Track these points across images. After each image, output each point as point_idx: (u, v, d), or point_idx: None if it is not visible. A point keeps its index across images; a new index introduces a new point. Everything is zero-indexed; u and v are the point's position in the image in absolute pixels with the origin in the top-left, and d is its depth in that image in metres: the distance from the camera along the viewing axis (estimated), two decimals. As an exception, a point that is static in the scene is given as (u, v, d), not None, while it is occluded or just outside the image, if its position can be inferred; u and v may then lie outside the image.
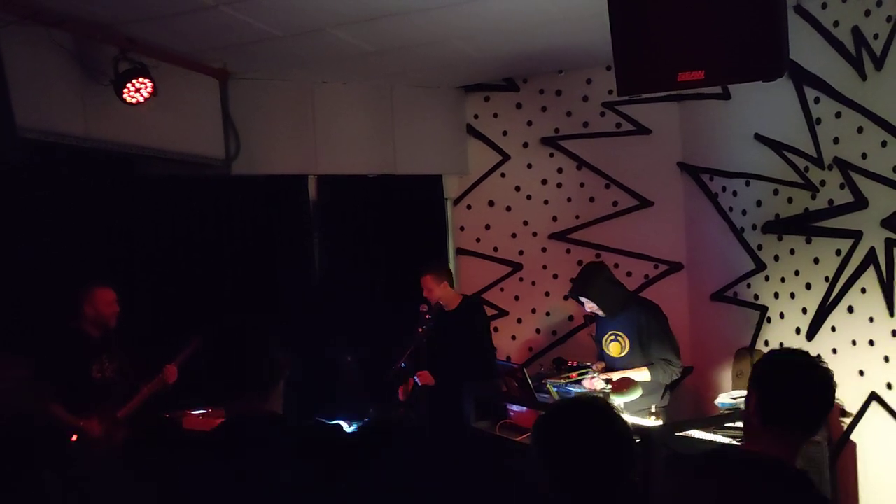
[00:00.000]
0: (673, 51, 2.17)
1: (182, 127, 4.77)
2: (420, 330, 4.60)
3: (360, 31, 4.41)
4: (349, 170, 5.61)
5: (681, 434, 3.77)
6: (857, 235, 4.37)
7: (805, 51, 4.38)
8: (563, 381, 4.31)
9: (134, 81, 4.13)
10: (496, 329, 5.89)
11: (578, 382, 4.36)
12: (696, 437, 3.91)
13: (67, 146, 4.18)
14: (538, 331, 5.90)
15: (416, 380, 4.62)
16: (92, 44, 4.15)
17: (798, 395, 1.97)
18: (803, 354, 2.11)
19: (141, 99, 4.17)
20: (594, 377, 4.26)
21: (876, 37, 4.16)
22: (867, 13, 4.19)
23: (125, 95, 4.10)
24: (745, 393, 4.39)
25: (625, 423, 1.69)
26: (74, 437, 3.96)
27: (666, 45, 2.18)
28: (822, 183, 4.53)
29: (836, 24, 4.35)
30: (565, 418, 1.71)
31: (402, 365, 4.51)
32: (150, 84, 4.17)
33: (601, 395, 4.10)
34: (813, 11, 4.41)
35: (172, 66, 4.63)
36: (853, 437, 4.42)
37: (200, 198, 5.18)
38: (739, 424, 4.10)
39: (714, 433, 4.01)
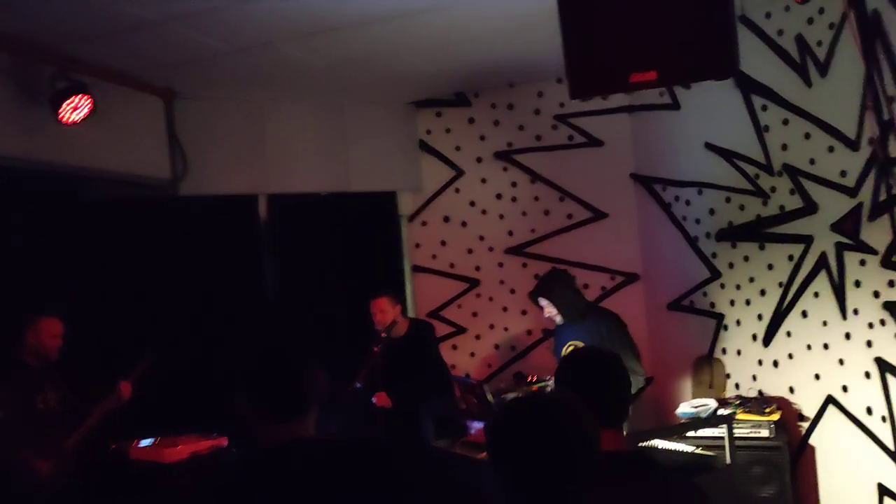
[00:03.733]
0: (624, 52, 2.15)
1: (125, 147, 4.63)
2: (375, 349, 4.51)
3: (308, 46, 4.33)
4: (301, 188, 5.51)
5: (643, 444, 3.74)
6: (808, 240, 4.43)
7: (751, 59, 4.43)
8: (522, 395, 4.24)
9: (72, 99, 3.98)
10: (454, 347, 5.82)
11: (539, 396, 4.30)
12: (659, 446, 3.88)
13: (5, 169, 4.01)
14: (497, 346, 5.84)
15: (373, 401, 4.51)
16: (30, 63, 4.00)
17: (607, 395, 2.04)
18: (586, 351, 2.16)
19: (79, 118, 4.02)
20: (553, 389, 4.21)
21: (819, 44, 4.25)
22: (810, 21, 4.28)
23: (62, 114, 3.95)
24: (706, 401, 4.40)
25: (579, 420, 1.63)
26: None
27: (617, 46, 2.16)
28: (773, 189, 4.59)
29: (780, 32, 4.43)
30: (517, 416, 1.65)
31: (358, 385, 4.40)
32: (89, 102, 4.02)
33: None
34: (757, 21, 4.49)
35: (115, 86, 4.49)
36: (812, 440, 4.45)
37: (146, 220, 5.01)
38: (702, 433, 4.09)
39: (676, 442, 3.99)
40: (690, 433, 4.07)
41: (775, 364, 4.63)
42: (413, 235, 5.97)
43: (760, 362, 4.71)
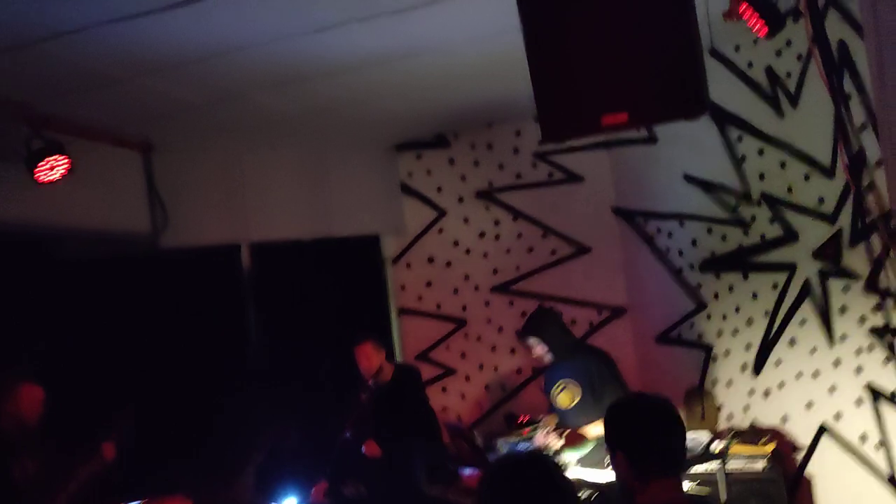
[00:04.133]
0: (595, 95, 2.16)
1: (103, 204, 4.59)
2: (363, 397, 4.44)
3: (282, 95, 4.34)
4: (283, 235, 5.48)
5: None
6: (791, 268, 4.44)
7: (724, 92, 4.50)
8: (514, 438, 4.19)
9: (48, 160, 3.95)
10: (444, 388, 5.76)
11: (530, 439, 4.24)
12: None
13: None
14: (487, 387, 5.78)
15: (363, 450, 4.43)
16: (4, 122, 3.97)
17: (662, 440, 2.01)
18: (643, 396, 2.15)
19: (57, 177, 3.98)
20: (547, 432, 4.15)
21: (789, 75, 4.31)
22: (778, 53, 4.34)
23: (39, 175, 3.92)
24: (696, 434, 4.35)
25: (567, 479, 1.61)
26: None
27: (588, 89, 2.17)
28: (753, 219, 4.61)
29: (750, 64, 4.49)
30: (508, 476, 1.63)
31: (347, 435, 4.33)
32: (66, 161, 3.99)
33: (552, 450, 3.99)
34: (728, 54, 4.55)
35: (91, 142, 4.46)
36: (807, 471, 4.40)
37: (126, 276, 4.95)
38: (695, 469, 4.04)
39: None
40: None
41: (766, 393, 4.60)
42: (398, 278, 5.94)
43: (752, 392, 4.68)
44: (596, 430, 4.10)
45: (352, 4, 3.28)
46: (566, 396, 4.30)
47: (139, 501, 4.04)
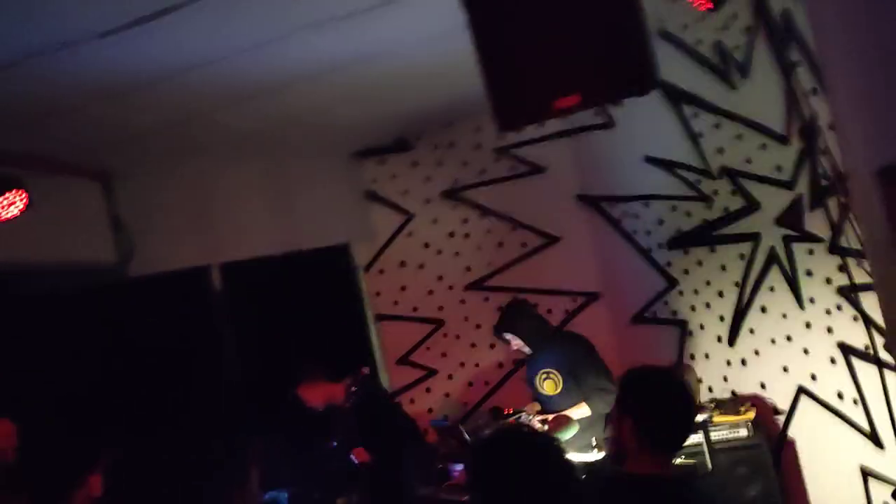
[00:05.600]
0: (546, 80, 2.18)
1: (65, 236, 4.52)
2: (346, 405, 4.43)
3: (240, 111, 4.32)
4: (253, 252, 5.44)
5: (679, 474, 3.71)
6: (756, 238, 4.52)
7: (676, 71, 4.57)
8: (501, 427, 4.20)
9: (6, 195, 3.89)
10: (428, 389, 5.76)
11: (517, 428, 4.27)
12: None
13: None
14: (471, 384, 5.80)
15: (353, 458, 4.42)
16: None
17: (675, 423, 2.07)
18: (667, 374, 2.20)
19: (16, 213, 3.93)
20: (531, 419, 4.19)
21: (737, 48, 4.39)
22: (725, 27, 4.42)
23: (-2, 211, 3.86)
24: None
25: (559, 452, 1.63)
26: None
27: (538, 75, 2.19)
28: (715, 193, 4.69)
29: (699, 41, 4.57)
30: (497, 447, 1.65)
31: (334, 444, 4.31)
32: (23, 196, 3.94)
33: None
34: (676, 33, 4.62)
35: (48, 175, 4.40)
36: (790, 433, 4.48)
37: (93, 308, 4.87)
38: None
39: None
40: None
41: (743, 362, 4.68)
42: (372, 284, 5.94)
43: (729, 363, 4.75)
44: (579, 412, 4.14)
45: (301, 13, 3.28)
46: (550, 385, 4.34)
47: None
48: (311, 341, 5.47)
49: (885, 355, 3.90)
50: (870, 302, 3.91)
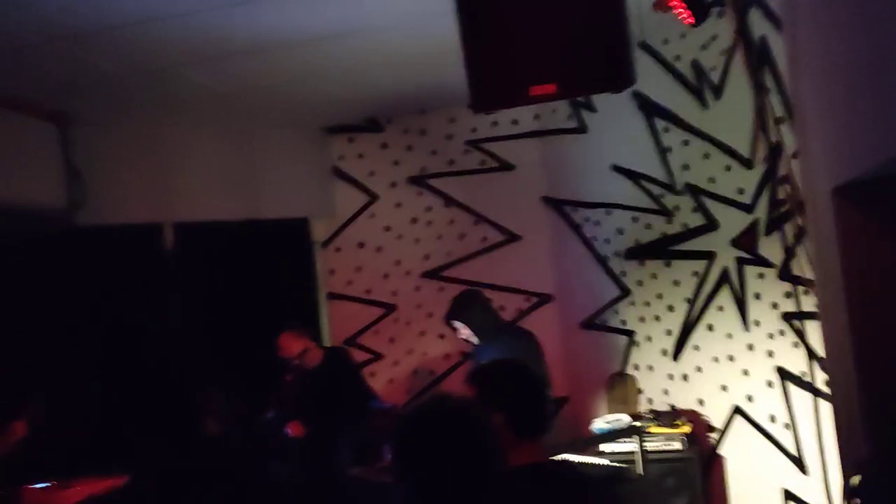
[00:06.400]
0: (524, 65, 2.19)
1: (14, 177, 4.37)
2: (288, 378, 4.39)
3: (213, 71, 4.24)
4: (209, 215, 5.35)
5: (556, 458, 3.75)
6: (710, 256, 4.60)
7: (652, 84, 4.62)
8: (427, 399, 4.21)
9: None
10: (372, 374, 5.73)
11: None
12: (574, 460, 3.90)
13: None
14: (415, 372, 5.78)
15: (287, 431, 4.38)
16: None
17: (539, 410, 2.11)
18: (513, 364, 2.26)
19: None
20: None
21: (714, 68, 4.45)
22: (704, 47, 4.48)
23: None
24: (619, 416, 4.46)
25: (486, 425, 1.62)
26: None
27: (517, 60, 2.20)
28: (677, 208, 4.75)
29: (677, 58, 4.63)
30: (422, 420, 1.63)
31: (270, 415, 4.27)
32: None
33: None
34: (656, 47, 4.67)
35: (1, 111, 4.26)
36: (721, 450, 4.57)
37: (39, 253, 4.74)
38: (615, 447, 4.15)
39: (590, 456, 4.02)
40: (604, 447, 4.11)
41: (685, 377, 4.75)
42: (327, 262, 5.88)
43: (671, 376, 4.82)
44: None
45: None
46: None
47: (46, 483, 3.91)
48: (260, 311, 5.40)
49: (820, 384, 4.00)
50: (811, 330, 4.00)
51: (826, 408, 4.05)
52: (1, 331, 4.51)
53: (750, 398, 4.43)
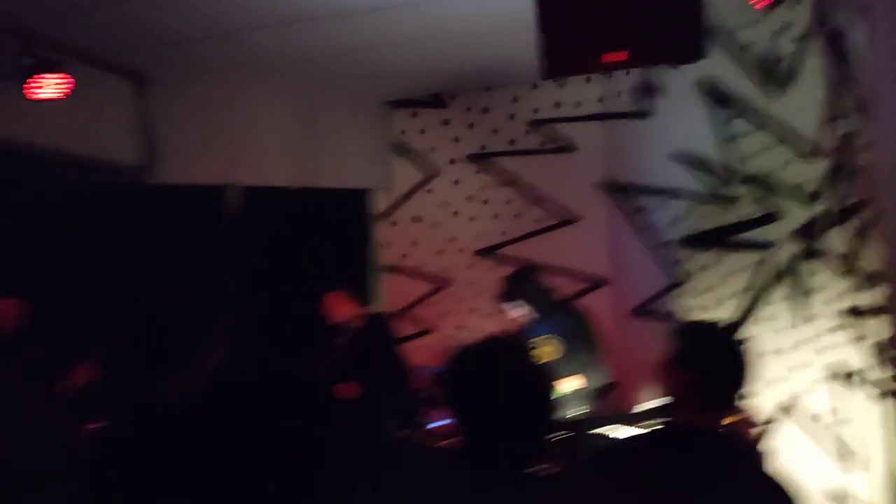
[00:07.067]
0: (597, 33, 2.20)
1: (91, 129, 4.56)
2: (340, 341, 4.49)
3: (282, 36, 4.34)
4: (270, 180, 5.49)
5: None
6: (768, 248, 4.51)
7: (720, 70, 4.54)
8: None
9: (45, 76, 3.93)
10: (421, 347, 5.81)
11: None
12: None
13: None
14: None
15: (337, 392, 4.48)
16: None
17: (737, 380, 1.99)
18: (730, 332, 2.15)
19: (58, 95, 3.96)
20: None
21: (784, 58, 4.36)
22: (778, 35, 4.39)
23: (30, 91, 3.90)
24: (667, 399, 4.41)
25: (540, 370, 1.64)
26: None
27: (590, 27, 2.21)
28: (737, 198, 4.68)
29: (749, 44, 4.54)
30: (476, 358, 1.67)
31: (320, 374, 4.37)
32: (66, 80, 3.96)
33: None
34: (726, 33, 4.59)
35: (83, 65, 4.43)
36: (765, 446, 4.50)
37: (109, 207, 4.92)
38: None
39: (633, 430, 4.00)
40: (648, 421, 4.08)
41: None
42: (383, 235, 5.97)
43: (720, 368, 4.76)
44: (568, 385, 4.18)
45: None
46: (547, 351, 4.34)
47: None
48: (315, 278, 5.51)
49: (874, 382, 3.91)
50: (871, 326, 3.91)
51: (878, 409, 3.96)
52: (66, 279, 4.70)
53: (795, 395, 4.35)
